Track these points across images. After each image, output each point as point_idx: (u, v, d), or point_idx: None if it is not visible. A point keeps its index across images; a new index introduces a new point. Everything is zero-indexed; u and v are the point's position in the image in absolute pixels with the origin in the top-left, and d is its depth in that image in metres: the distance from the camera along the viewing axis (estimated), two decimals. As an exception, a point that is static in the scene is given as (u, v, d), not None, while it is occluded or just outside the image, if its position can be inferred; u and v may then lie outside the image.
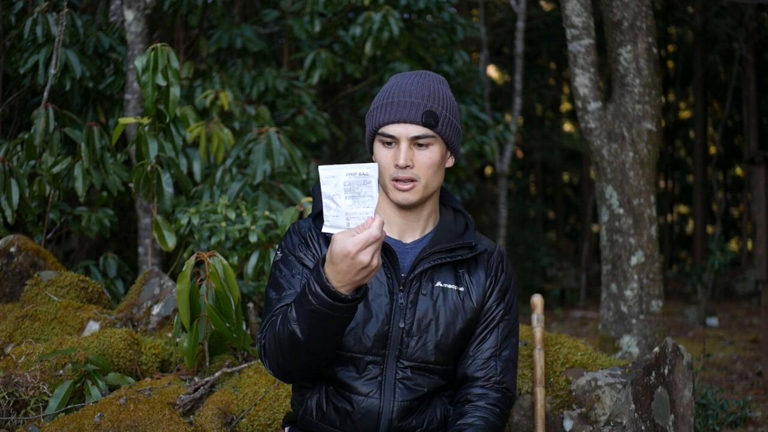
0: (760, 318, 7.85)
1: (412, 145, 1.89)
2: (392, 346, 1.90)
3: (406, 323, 1.90)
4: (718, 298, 14.46)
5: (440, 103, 1.91)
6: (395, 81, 1.95)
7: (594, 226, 18.44)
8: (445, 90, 1.95)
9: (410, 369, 1.91)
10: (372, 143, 1.95)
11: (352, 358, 1.90)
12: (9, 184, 3.56)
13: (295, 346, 1.75)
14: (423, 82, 1.93)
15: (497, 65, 19.40)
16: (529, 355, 2.56)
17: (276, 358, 1.82)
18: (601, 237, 4.10)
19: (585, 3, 4.05)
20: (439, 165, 1.92)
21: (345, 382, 1.91)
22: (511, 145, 12.22)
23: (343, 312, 1.68)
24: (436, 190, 1.97)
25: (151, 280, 3.13)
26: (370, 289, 1.90)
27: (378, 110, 1.91)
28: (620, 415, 2.38)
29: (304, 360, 1.78)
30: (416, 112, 1.87)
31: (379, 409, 1.89)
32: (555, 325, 11.25)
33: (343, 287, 1.64)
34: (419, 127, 1.88)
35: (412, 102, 1.88)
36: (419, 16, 7.77)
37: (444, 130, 1.90)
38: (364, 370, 1.90)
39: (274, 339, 1.79)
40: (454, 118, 1.94)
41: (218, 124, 4.46)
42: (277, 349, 1.80)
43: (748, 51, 15.27)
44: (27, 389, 2.48)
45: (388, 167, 1.89)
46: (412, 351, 1.91)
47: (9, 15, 4.91)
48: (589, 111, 4.05)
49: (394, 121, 1.88)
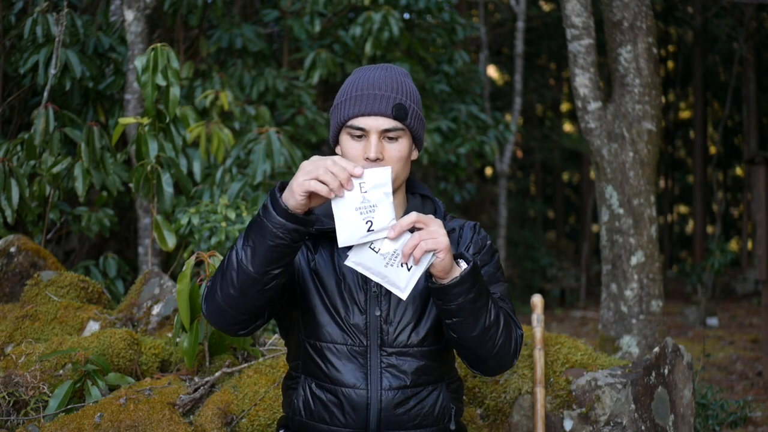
0: (760, 318, 7.85)
1: (382, 138, 1.88)
2: (372, 335, 1.90)
3: (382, 311, 1.91)
4: (718, 298, 14.47)
5: (407, 96, 1.91)
6: (361, 74, 1.94)
7: (594, 226, 18.45)
8: (409, 82, 1.96)
9: (395, 356, 1.91)
10: (337, 137, 1.94)
11: (335, 350, 1.90)
12: (9, 184, 3.56)
13: (235, 269, 1.76)
14: (389, 75, 1.93)
15: (497, 65, 19.41)
16: (529, 355, 2.56)
17: (213, 294, 1.82)
18: (601, 237, 4.10)
19: (585, 3, 4.05)
20: (407, 158, 1.92)
21: (330, 375, 1.90)
22: (511, 145, 12.23)
23: (281, 229, 1.69)
24: (404, 182, 1.98)
25: (151, 280, 3.13)
26: (343, 280, 1.91)
27: (346, 103, 1.90)
28: (620, 415, 2.38)
29: (239, 289, 1.77)
30: (386, 105, 1.87)
31: (367, 399, 1.88)
32: (555, 325, 11.25)
33: (292, 199, 1.68)
34: (390, 120, 1.87)
35: (382, 95, 1.88)
36: (419, 16, 7.77)
37: (412, 122, 1.91)
38: (348, 361, 1.90)
39: (217, 272, 1.81)
40: (420, 111, 1.95)
41: (218, 124, 4.46)
42: (217, 280, 1.81)
43: (748, 51, 15.27)
44: (27, 389, 2.48)
45: (357, 160, 1.88)
46: (393, 337, 1.91)
47: (9, 15, 4.91)
48: (589, 111, 4.05)
49: (364, 113, 1.87)
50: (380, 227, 1.68)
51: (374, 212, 1.66)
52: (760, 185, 6.85)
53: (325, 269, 1.93)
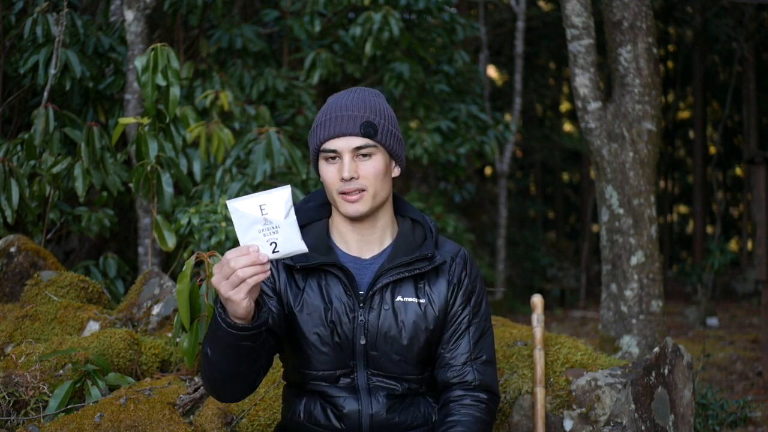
0: (760, 318, 7.85)
1: (355, 158, 1.90)
2: (359, 358, 1.94)
3: (369, 339, 1.93)
4: (718, 298, 14.46)
5: (378, 114, 1.93)
6: (332, 100, 1.97)
7: (594, 226, 18.43)
8: (381, 102, 1.98)
9: (381, 377, 1.95)
10: (317, 163, 1.97)
11: (323, 376, 1.94)
12: (9, 184, 3.56)
13: (210, 365, 1.80)
14: (359, 96, 1.96)
15: (497, 65, 19.39)
16: (529, 355, 2.56)
17: (204, 377, 1.86)
18: (601, 237, 4.10)
19: (585, 3, 4.05)
20: (385, 174, 1.93)
21: (323, 392, 1.95)
22: (511, 145, 12.23)
23: (233, 338, 1.71)
24: (386, 199, 1.98)
25: (151, 280, 3.13)
26: (330, 309, 1.93)
27: (318, 129, 1.94)
28: (620, 415, 2.38)
29: (220, 380, 1.82)
30: (354, 125, 1.89)
31: (358, 406, 1.93)
32: (555, 325, 11.25)
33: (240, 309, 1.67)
34: (359, 138, 1.89)
35: (350, 115, 1.90)
36: (419, 16, 7.77)
37: (384, 138, 1.92)
38: (337, 381, 1.94)
39: (202, 359, 1.85)
40: (394, 128, 1.96)
41: (218, 124, 4.45)
42: (203, 367, 1.85)
43: (748, 51, 15.26)
44: (27, 389, 2.48)
45: (334, 182, 1.91)
46: (379, 363, 1.95)
47: (9, 15, 4.91)
48: (589, 111, 4.05)
49: (334, 135, 1.90)
50: (287, 251, 1.68)
51: (277, 233, 1.66)
52: (760, 185, 6.85)
53: (313, 299, 1.95)
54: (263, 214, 1.66)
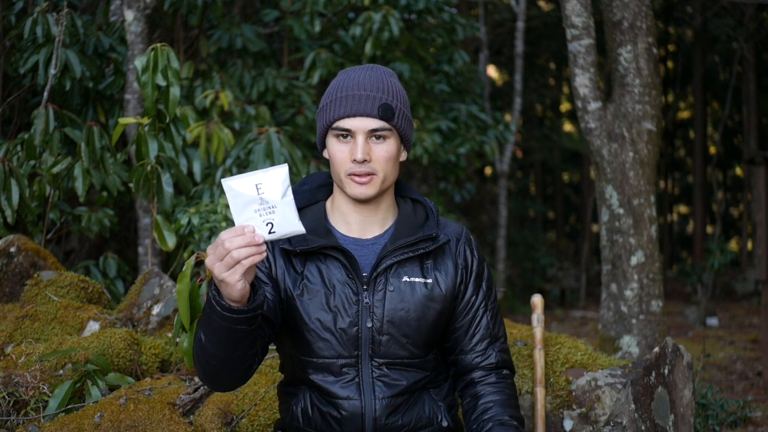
0: (760, 318, 7.85)
1: (368, 139, 1.86)
2: (364, 346, 1.89)
3: (375, 322, 1.89)
4: (718, 298, 14.46)
5: (394, 96, 1.89)
6: (346, 75, 1.92)
7: (594, 226, 18.44)
8: (396, 83, 1.93)
9: (385, 366, 1.90)
10: (324, 139, 1.92)
11: (326, 364, 1.89)
12: (9, 184, 3.56)
13: (203, 350, 1.75)
14: (375, 75, 1.90)
15: (497, 65, 19.40)
16: (529, 355, 2.56)
17: (197, 363, 1.81)
18: (601, 237, 4.10)
19: (585, 3, 4.05)
20: (396, 158, 1.90)
21: (324, 388, 1.89)
22: (511, 145, 12.22)
23: (228, 322, 1.65)
24: (392, 183, 1.95)
25: (151, 280, 3.13)
26: (333, 293, 1.89)
27: (331, 104, 1.88)
28: (620, 415, 2.38)
29: (214, 366, 1.77)
30: (372, 106, 1.85)
31: (362, 409, 1.88)
32: (555, 325, 11.25)
33: (234, 292, 1.62)
34: (376, 120, 1.85)
35: (368, 95, 1.85)
36: (419, 16, 7.77)
37: (399, 122, 1.88)
38: (340, 374, 1.89)
39: (195, 345, 1.80)
40: (408, 111, 1.93)
41: (218, 124, 4.46)
42: (196, 353, 1.80)
43: (748, 51, 15.26)
44: (27, 389, 2.48)
45: (344, 162, 1.86)
46: (385, 349, 1.90)
47: (9, 15, 4.91)
48: (589, 111, 4.05)
49: (350, 114, 1.84)
50: (284, 231, 1.62)
51: (274, 213, 1.60)
52: (760, 185, 6.85)
53: (314, 284, 1.90)
54: (259, 194, 1.59)
